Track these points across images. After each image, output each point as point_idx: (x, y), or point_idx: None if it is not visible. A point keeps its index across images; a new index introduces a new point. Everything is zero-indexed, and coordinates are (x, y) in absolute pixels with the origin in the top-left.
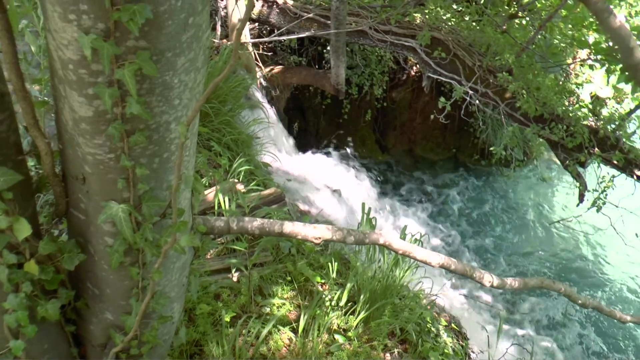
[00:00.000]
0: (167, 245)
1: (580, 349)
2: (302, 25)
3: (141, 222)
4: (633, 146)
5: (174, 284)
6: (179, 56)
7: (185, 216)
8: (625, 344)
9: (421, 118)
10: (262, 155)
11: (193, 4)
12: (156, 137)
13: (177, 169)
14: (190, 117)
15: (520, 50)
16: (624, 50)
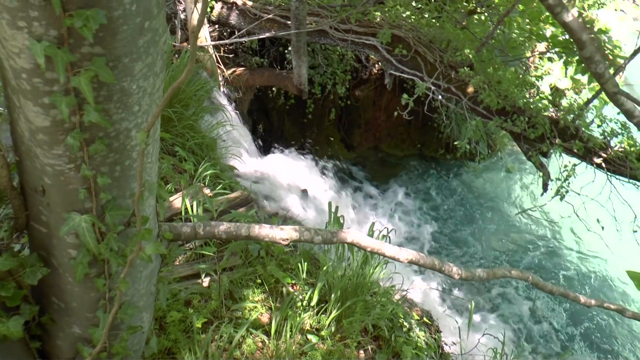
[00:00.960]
0: (132, 254)
1: (549, 335)
2: (263, 26)
3: (105, 232)
4: (592, 135)
5: (142, 293)
6: (136, 61)
7: (150, 224)
8: (590, 327)
9: (385, 115)
10: (228, 159)
11: (148, 8)
12: (117, 145)
13: (139, 177)
14: (150, 123)
15: (480, 45)
16: (578, 42)
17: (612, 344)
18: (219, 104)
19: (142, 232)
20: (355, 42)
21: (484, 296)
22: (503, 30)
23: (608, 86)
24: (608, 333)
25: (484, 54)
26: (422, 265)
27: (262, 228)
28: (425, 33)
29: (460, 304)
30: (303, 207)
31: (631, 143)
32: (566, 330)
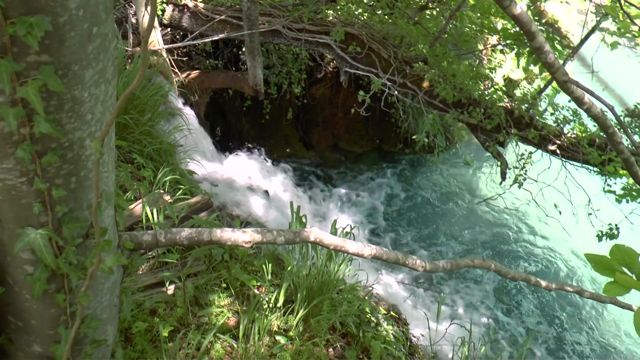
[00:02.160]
0: (92, 267)
1: (514, 320)
2: (215, 28)
3: (63, 245)
4: (546, 123)
5: (105, 306)
6: (86, 68)
7: (110, 234)
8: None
9: (342, 112)
10: (187, 163)
11: (96, 13)
12: (70, 156)
13: (95, 187)
14: (104, 132)
15: (433, 40)
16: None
17: (573, 324)
18: (175, 108)
19: (101, 244)
20: (309, 41)
21: (450, 287)
22: (455, 25)
23: (558, 75)
24: (569, 314)
25: (438, 49)
26: (386, 260)
27: (224, 232)
28: (379, 30)
29: (426, 296)
30: (265, 208)
31: (582, 129)
32: (530, 314)
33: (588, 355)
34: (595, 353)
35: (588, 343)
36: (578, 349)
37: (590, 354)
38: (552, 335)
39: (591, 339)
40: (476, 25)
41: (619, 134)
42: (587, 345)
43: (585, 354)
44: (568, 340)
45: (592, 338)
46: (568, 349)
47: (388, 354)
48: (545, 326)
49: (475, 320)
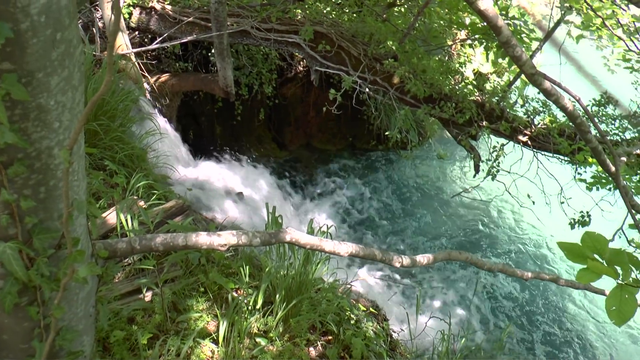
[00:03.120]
0: (66, 277)
1: (493, 311)
2: (184, 30)
3: (34, 257)
4: (516, 115)
5: (81, 316)
6: (51, 75)
7: (82, 244)
8: (528, 299)
9: (314, 111)
10: (160, 168)
11: (59, 19)
12: (38, 165)
13: (65, 196)
14: (73, 140)
15: (402, 37)
16: (494, 29)
17: (550, 312)
18: (146, 112)
19: (73, 254)
20: (278, 40)
21: (428, 281)
22: (424, 21)
23: (526, 68)
24: (546, 302)
25: (407, 45)
26: (363, 257)
27: (200, 236)
28: (347, 28)
29: (405, 291)
30: (240, 210)
31: (552, 120)
32: (508, 304)
33: (565, 342)
34: (571, 339)
35: (565, 329)
36: (555, 336)
37: (566, 340)
38: (530, 324)
39: (567, 324)
40: (444, 21)
41: (586, 124)
42: (564, 330)
43: (562, 340)
44: (545, 328)
45: (568, 323)
46: (546, 336)
47: (369, 350)
48: (523, 315)
49: (454, 313)
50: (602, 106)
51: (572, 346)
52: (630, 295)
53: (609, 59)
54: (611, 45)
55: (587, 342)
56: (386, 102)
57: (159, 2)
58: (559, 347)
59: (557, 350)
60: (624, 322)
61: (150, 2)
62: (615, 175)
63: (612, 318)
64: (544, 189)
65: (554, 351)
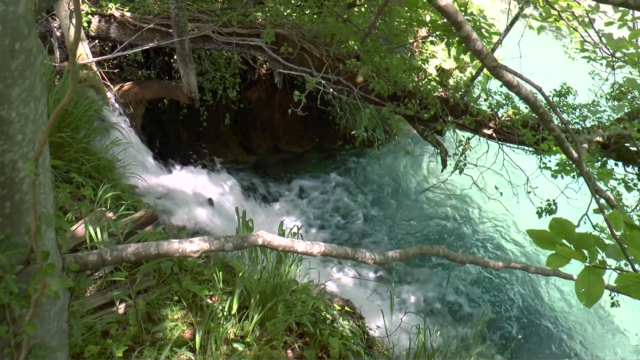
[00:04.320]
0: (36, 293)
1: (466, 303)
2: (145, 37)
3: (2, 274)
4: (480, 109)
5: (54, 332)
6: (12, 87)
7: (52, 258)
8: (502, 288)
9: (280, 114)
10: (128, 178)
11: (17, 28)
12: (3, 179)
13: (32, 210)
14: (38, 152)
15: (364, 36)
16: (454, 24)
17: (522, 299)
18: (110, 122)
19: (44, 269)
20: (240, 44)
21: (402, 276)
22: (384, 20)
23: (487, 61)
24: (517, 290)
25: (369, 44)
26: (336, 256)
27: (171, 244)
28: (309, 29)
29: (379, 288)
30: (211, 216)
31: (516, 112)
32: (481, 295)
33: (539, 327)
34: (545, 324)
35: (538, 315)
36: (530, 323)
37: (540, 325)
38: (504, 312)
39: (540, 310)
40: (405, 19)
41: (549, 113)
42: (538, 317)
43: (536, 326)
44: (519, 315)
45: (541, 309)
46: (520, 323)
47: (347, 349)
48: (497, 304)
49: (429, 307)
50: (563, 96)
51: (546, 331)
52: (597, 277)
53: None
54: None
55: (560, 326)
56: (351, 102)
57: (118, 9)
58: (533, 333)
59: (532, 336)
60: (593, 303)
61: (109, 9)
62: (578, 162)
63: (581, 300)
64: (510, 180)
65: (529, 337)
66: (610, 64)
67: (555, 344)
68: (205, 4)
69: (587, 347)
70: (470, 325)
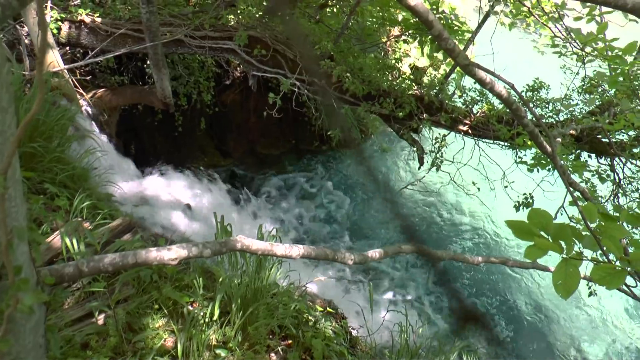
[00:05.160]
0: (9, 309)
1: (447, 299)
2: (117, 43)
3: None
4: (455, 105)
5: (30, 348)
6: None
7: (26, 272)
8: (481, 283)
9: (255, 117)
10: (104, 186)
11: None
12: None
13: (3, 224)
14: (6, 164)
15: (336, 37)
16: (426, 23)
17: (501, 293)
18: (84, 130)
19: (17, 284)
20: (213, 47)
21: (383, 275)
22: (357, 20)
23: (459, 59)
24: (497, 284)
25: (342, 45)
26: (315, 257)
27: (149, 252)
28: (281, 31)
29: (361, 287)
30: (189, 222)
31: (490, 107)
32: (462, 290)
33: (521, 320)
34: (524, 315)
35: (519, 308)
36: (509, 315)
37: (521, 318)
38: (484, 305)
39: (521, 303)
40: (377, 19)
41: (522, 109)
42: (517, 308)
43: (517, 319)
44: (499, 308)
45: (520, 301)
46: (500, 315)
47: (330, 350)
48: (477, 298)
49: (411, 304)
50: (536, 91)
51: (528, 322)
52: (574, 269)
53: (539, 43)
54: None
55: (541, 316)
56: (325, 102)
57: (88, 15)
58: (516, 325)
59: (514, 328)
60: (570, 294)
61: (79, 15)
62: (552, 156)
63: (558, 291)
64: (487, 175)
65: (511, 329)
66: (581, 58)
67: (537, 334)
68: (177, 8)
69: (569, 335)
70: (453, 320)
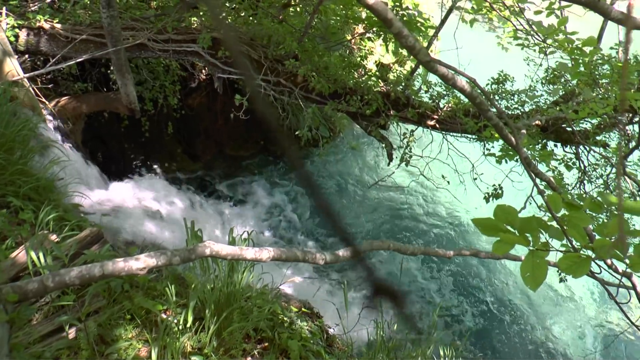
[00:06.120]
0: None
1: (421, 293)
2: (78, 49)
3: None
4: (422, 101)
5: None
6: None
7: None
8: (457, 276)
9: (222, 119)
10: (70, 197)
11: None
12: None
13: None
14: None
15: (300, 36)
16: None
17: (476, 285)
18: (48, 140)
19: None
20: (177, 51)
21: (355, 272)
22: (320, 19)
23: (420, 56)
24: (469, 276)
25: (307, 44)
26: (286, 259)
27: (116, 263)
28: (245, 32)
29: (336, 286)
30: (160, 229)
31: (457, 101)
32: (435, 284)
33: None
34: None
35: (493, 299)
36: (483, 306)
37: (494, 308)
38: (461, 299)
39: (495, 294)
40: (341, 17)
41: (485, 103)
42: (490, 300)
43: (491, 310)
44: (473, 300)
45: (496, 292)
46: (474, 308)
47: (307, 350)
48: (452, 292)
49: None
50: (501, 83)
51: (499, 313)
52: (541, 260)
53: (502, 38)
54: (502, 26)
55: (514, 305)
56: (293, 102)
57: (47, 21)
58: (490, 316)
59: (488, 318)
60: (538, 286)
61: (37, 22)
62: (516, 147)
63: (527, 283)
64: (456, 168)
65: (485, 320)
66: (543, 50)
67: (512, 324)
68: (138, 12)
69: (542, 322)
70: (427, 313)
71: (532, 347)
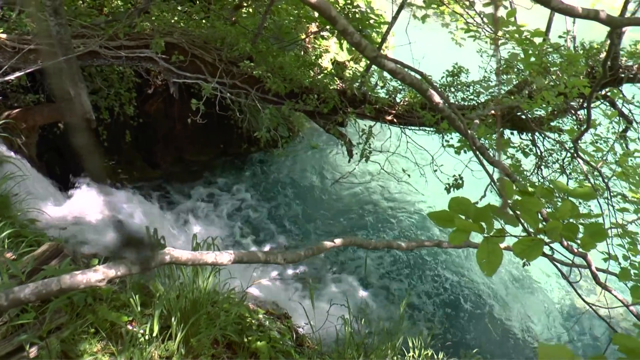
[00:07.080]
0: None
1: (387, 286)
2: (27, 59)
3: None
4: (379, 96)
5: None
6: None
7: None
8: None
9: (181, 124)
10: (27, 212)
11: None
12: None
13: None
14: None
15: (253, 37)
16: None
17: (442, 275)
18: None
19: None
20: (130, 57)
21: (323, 270)
22: (273, 19)
23: (367, 52)
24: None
25: (260, 45)
26: (247, 261)
27: (74, 276)
28: (198, 35)
29: (303, 285)
30: None
31: (413, 95)
32: (399, 277)
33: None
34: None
35: (458, 288)
36: (450, 298)
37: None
38: (427, 290)
39: (461, 283)
40: (294, 17)
41: (436, 95)
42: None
43: (457, 298)
44: (440, 292)
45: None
46: (441, 299)
47: (276, 351)
48: (419, 284)
49: (352, 296)
50: (456, 75)
51: (467, 303)
52: (495, 246)
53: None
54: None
55: (480, 294)
56: (250, 104)
57: None
58: (454, 305)
59: (455, 307)
60: (494, 272)
61: None
62: (468, 137)
63: (483, 269)
64: (417, 161)
65: (450, 310)
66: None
67: (478, 309)
68: (89, 19)
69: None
70: (395, 306)
71: (499, 331)
